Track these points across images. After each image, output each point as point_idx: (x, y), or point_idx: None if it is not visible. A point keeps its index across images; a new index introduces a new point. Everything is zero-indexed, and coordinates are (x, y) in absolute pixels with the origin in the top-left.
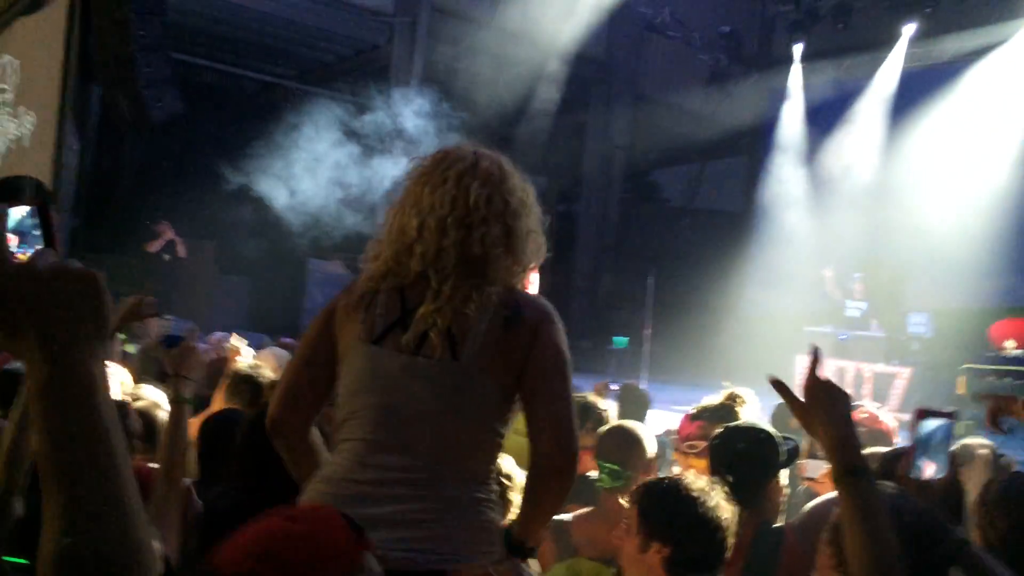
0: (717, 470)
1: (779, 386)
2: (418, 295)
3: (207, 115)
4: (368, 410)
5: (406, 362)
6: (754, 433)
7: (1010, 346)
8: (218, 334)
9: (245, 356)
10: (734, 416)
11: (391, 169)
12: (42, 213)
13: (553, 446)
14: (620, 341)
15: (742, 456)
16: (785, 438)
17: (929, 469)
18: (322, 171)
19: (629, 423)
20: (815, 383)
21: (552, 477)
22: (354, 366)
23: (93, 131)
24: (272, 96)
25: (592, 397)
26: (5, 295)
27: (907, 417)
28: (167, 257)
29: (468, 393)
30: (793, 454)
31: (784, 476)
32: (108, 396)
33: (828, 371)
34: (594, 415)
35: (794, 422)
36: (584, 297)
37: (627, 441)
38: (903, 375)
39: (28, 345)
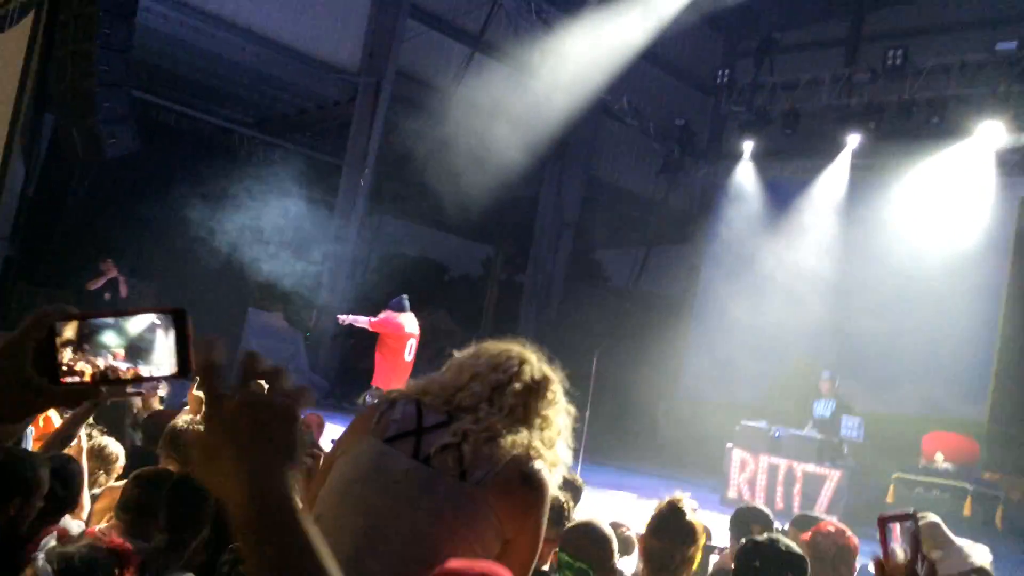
0: None
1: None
2: (437, 416)
3: (161, 154)
4: (356, 507)
5: (412, 467)
6: (799, 560)
7: (939, 459)
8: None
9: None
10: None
11: (341, 227)
12: (178, 326)
13: None
14: None
15: None
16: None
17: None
18: (272, 222)
19: (596, 520)
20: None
21: None
22: (356, 454)
23: (41, 159)
24: (228, 141)
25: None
26: (212, 423)
27: (834, 519)
28: (107, 296)
29: (467, 519)
30: None
31: None
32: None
33: (761, 467)
34: (555, 507)
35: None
36: None
37: (599, 541)
38: (833, 477)
39: (225, 469)
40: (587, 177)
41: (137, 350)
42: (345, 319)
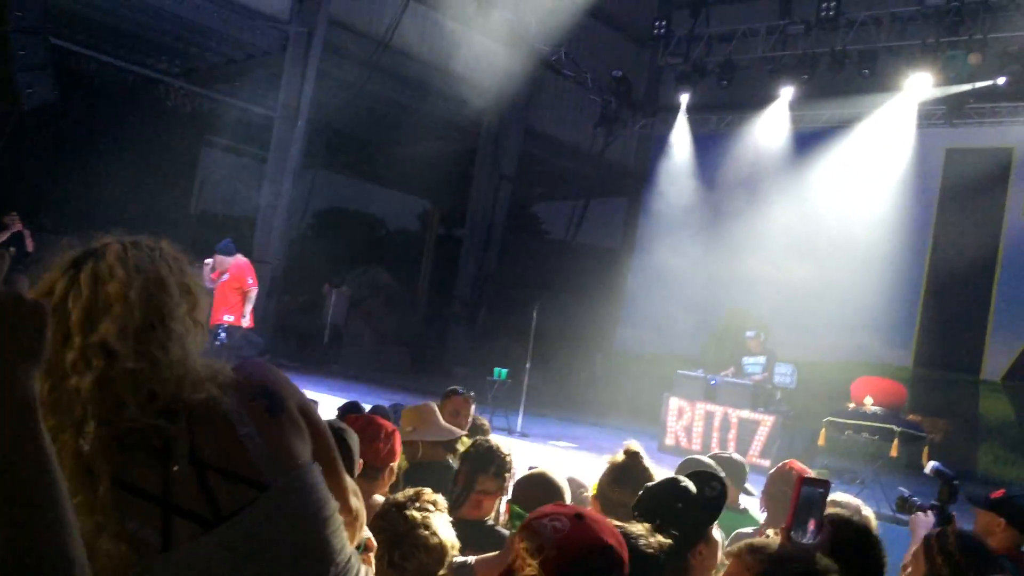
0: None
1: None
2: None
3: (83, 106)
4: None
5: None
6: (682, 490)
7: (868, 402)
8: None
9: None
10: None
11: (274, 181)
12: None
13: None
14: (500, 372)
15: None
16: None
17: (810, 532)
18: (202, 176)
19: (550, 472)
20: None
21: None
22: None
23: None
24: (154, 92)
25: (494, 440)
26: None
27: (767, 462)
28: (12, 250)
29: None
30: (721, 498)
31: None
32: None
33: (698, 414)
34: (496, 459)
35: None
36: (462, 324)
37: (550, 491)
38: (767, 423)
39: None
40: (525, 129)
41: None
42: None
